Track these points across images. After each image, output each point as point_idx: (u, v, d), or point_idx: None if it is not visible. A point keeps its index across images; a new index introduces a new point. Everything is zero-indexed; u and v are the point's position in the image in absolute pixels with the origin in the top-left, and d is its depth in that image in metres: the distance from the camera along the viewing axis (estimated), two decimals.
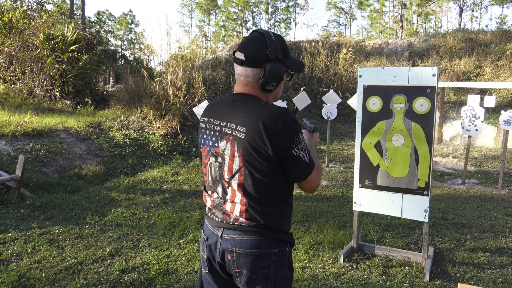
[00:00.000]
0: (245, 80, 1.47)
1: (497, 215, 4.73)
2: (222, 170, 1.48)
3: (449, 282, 3.11)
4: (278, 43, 1.45)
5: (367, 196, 3.46)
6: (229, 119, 1.45)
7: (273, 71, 1.42)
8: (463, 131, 6.22)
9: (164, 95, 9.04)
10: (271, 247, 1.46)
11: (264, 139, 1.36)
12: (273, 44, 1.43)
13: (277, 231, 1.47)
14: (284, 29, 45.70)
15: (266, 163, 1.39)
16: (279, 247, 1.48)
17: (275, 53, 1.43)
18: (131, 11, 58.78)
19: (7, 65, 10.30)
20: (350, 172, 7.02)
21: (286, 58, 1.48)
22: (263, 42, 1.43)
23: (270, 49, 1.42)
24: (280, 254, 1.48)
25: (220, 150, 1.47)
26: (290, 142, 1.38)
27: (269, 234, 1.46)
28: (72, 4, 18.09)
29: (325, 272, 3.25)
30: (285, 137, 1.37)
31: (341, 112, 11.50)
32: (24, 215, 4.51)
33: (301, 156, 1.41)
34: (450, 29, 26.10)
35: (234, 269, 1.48)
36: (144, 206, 4.93)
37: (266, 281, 1.46)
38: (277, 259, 1.47)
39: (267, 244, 1.45)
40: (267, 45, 1.43)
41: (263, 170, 1.40)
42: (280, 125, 1.37)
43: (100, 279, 3.10)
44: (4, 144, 6.13)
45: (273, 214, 1.46)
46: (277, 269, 1.47)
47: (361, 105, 3.44)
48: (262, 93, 1.49)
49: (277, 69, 1.43)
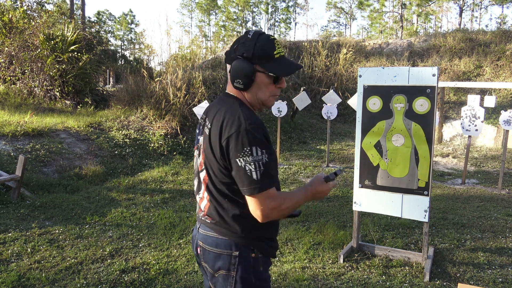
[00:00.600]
0: (228, 76, 1.51)
1: (497, 215, 4.73)
2: (197, 165, 1.54)
3: (449, 282, 3.11)
4: (252, 42, 1.40)
5: (367, 196, 3.46)
6: (209, 115, 1.49)
7: (236, 68, 1.42)
8: (463, 131, 6.22)
9: (164, 95, 9.04)
10: (231, 249, 1.42)
11: (219, 139, 1.37)
12: (246, 42, 1.41)
13: (237, 234, 1.42)
14: (284, 29, 45.72)
15: (222, 164, 1.38)
16: (240, 250, 1.43)
17: (242, 51, 1.41)
18: (131, 11, 58.84)
19: (7, 65, 10.30)
20: (350, 172, 7.02)
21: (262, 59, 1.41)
22: (242, 39, 1.44)
23: (237, 46, 1.43)
24: (242, 258, 1.42)
25: (200, 144, 1.53)
26: (237, 150, 1.32)
27: (229, 235, 1.43)
28: (72, 4, 18.09)
29: (325, 272, 3.25)
30: (233, 142, 1.33)
31: (341, 112, 11.50)
32: (24, 215, 4.51)
33: (247, 170, 1.32)
34: (450, 29, 26.12)
35: (202, 263, 1.52)
36: (144, 206, 4.93)
37: (225, 283, 1.43)
38: (237, 262, 1.42)
39: (227, 245, 1.43)
40: (240, 42, 1.44)
41: (218, 170, 1.40)
42: (233, 130, 1.33)
43: (100, 279, 3.10)
44: (4, 144, 6.13)
45: (232, 216, 1.42)
46: (238, 273, 1.42)
47: (361, 105, 3.44)
48: (238, 92, 1.48)
49: (239, 66, 1.40)
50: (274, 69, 1.44)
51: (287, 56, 1.72)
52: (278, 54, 1.44)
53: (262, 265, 1.48)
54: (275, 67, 1.44)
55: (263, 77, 1.44)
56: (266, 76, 1.44)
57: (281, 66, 1.44)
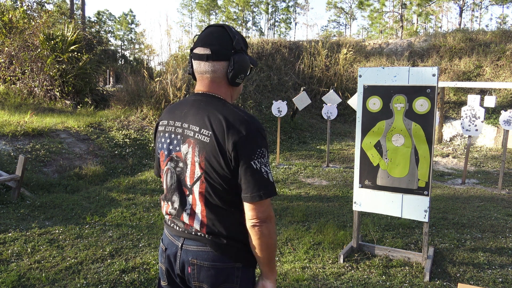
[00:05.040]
0: (211, 76, 1.37)
1: (497, 215, 4.73)
2: (184, 176, 1.36)
3: (449, 282, 3.11)
4: (240, 35, 1.40)
5: (367, 196, 3.46)
6: (191, 121, 1.35)
7: (242, 62, 1.36)
8: (463, 131, 6.22)
9: (164, 95, 9.04)
10: (235, 261, 1.36)
11: (227, 145, 1.26)
12: (237, 35, 1.38)
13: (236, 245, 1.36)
14: (284, 29, 45.73)
15: (228, 171, 1.29)
16: (242, 262, 1.38)
17: (240, 44, 1.38)
18: (131, 11, 58.85)
19: (7, 65, 10.31)
20: (350, 172, 7.02)
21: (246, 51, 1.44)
22: (226, 34, 1.36)
23: (235, 40, 1.36)
24: (244, 270, 1.38)
25: (182, 155, 1.36)
26: (251, 152, 1.26)
27: (232, 248, 1.36)
28: (72, 4, 18.09)
29: (325, 272, 3.25)
30: (247, 145, 1.26)
31: (341, 112, 11.50)
32: (24, 215, 4.51)
33: (263, 172, 1.27)
34: (450, 29, 26.12)
35: (194, 283, 1.38)
36: (144, 206, 4.93)
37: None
38: (241, 274, 1.37)
39: (230, 257, 1.36)
40: (231, 36, 1.36)
41: (225, 177, 1.29)
42: (244, 133, 1.26)
43: (100, 279, 3.10)
44: (4, 144, 6.13)
45: (235, 226, 1.35)
46: (241, 285, 1.37)
47: (361, 105, 3.44)
48: (228, 89, 1.41)
49: (245, 60, 1.38)
50: (251, 60, 1.44)
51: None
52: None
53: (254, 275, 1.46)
54: (249, 58, 1.44)
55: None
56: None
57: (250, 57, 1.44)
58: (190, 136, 1.33)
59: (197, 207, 1.35)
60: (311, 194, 5.65)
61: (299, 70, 13.22)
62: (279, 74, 12.87)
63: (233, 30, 1.39)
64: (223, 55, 1.35)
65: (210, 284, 1.36)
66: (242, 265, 1.38)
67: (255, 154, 1.26)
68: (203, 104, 1.36)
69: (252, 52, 13.02)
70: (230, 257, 1.35)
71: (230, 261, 1.35)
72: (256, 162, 1.26)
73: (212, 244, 1.35)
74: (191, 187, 1.35)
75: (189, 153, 1.33)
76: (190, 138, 1.33)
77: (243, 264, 1.38)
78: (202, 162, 1.30)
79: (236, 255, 1.36)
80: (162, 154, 1.44)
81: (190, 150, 1.33)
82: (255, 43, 13.62)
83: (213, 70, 1.37)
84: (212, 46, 1.35)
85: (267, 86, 12.26)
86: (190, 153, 1.33)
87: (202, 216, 1.35)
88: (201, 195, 1.33)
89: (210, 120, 1.30)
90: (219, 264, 1.35)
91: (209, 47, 1.35)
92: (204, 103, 1.36)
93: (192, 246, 1.37)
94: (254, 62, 1.46)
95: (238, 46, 1.36)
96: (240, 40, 1.39)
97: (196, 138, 1.32)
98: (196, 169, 1.32)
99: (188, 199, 1.37)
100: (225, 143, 1.27)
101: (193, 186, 1.34)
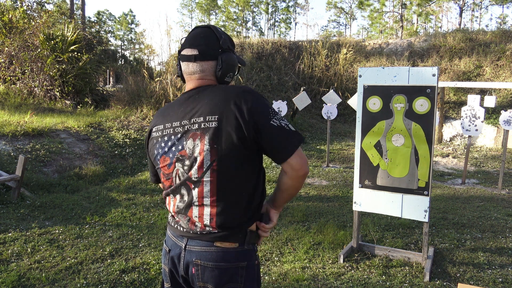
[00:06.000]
0: (200, 76, 1.40)
1: (497, 215, 4.73)
2: (192, 171, 1.34)
3: (449, 282, 3.11)
4: (226, 35, 1.43)
5: (367, 196, 3.46)
6: (191, 115, 1.35)
7: (229, 60, 1.40)
8: (463, 131, 6.22)
9: (164, 95, 9.04)
10: (239, 260, 1.36)
11: (238, 121, 1.27)
12: (223, 35, 1.41)
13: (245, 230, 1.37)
14: (284, 29, 45.72)
15: (242, 149, 1.29)
16: (247, 260, 1.38)
17: (227, 43, 1.41)
18: (131, 11, 58.87)
19: (7, 65, 10.31)
20: (350, 172, 7.02)
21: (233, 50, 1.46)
22: (213, 34, 1.40)
23: (222, 40, 1.40)
24: (248, 268, 1.39)
25: (186, 151, 1.35)
26: (265, 115, 1.29)
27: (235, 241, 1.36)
28: (72, 4, 18.09)
29: (325, 272, 3.25)
30: (258, 112, 1.29)
31: (341, 112, 11.49)
32: (24, 215, 4.51)
33: (284, 126, 1.30)
34: (450, 29, 26.11)
35: (198, 284, 1.37)
36: (144, 206, 4.93)
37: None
38: (245, 273, 1.37)
39: (235, 256, 1.36)
40: (217, 36, 1.40)
41: (238, 158, 1.30)
42: (250, 103, 1.29)
43: (100, 279, 3.10)
44: (4, 144, 6.13)
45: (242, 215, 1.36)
46: (245, 285, 1.38)
47: (361, 105, 3.44)
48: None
49: (232, 59, 1.41)
50: (239, 59, 1.47)
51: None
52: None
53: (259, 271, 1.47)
54: (237, 57, 1.47)
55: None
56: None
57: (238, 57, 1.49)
58: (195, 129, 1.33)
59: (205, 199, 1.34)
60: (311, 194, 5.65)
61: (299, 70, 13.22)
62: (279, 74, 12.87)
63: (219, 30, 1.42)
64: (210, 55, 1.38)
65: (215, 284, 1.35)
66: (247, 263, 1.38)
67: (269, 114, 1.30)
68: (199, 95, 1.38)
69: (252, 52, 13.02)
70: (234, 257, 1.36)
71: (234, 260, 1.36)
72: (274, 120, 1.30)
73: (218, 240, 1.35)
74: (199, 178, 1.33)
75: (197, 145, 1.32)
76: (194, 131, 1.33)
77: (248, 263, 1.39)
78: (213, 148, 1.30)
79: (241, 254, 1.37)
80: (165, 159, 1.41)
81: (198, 142, 1.32)
82: (255, 43, 13.62)
83: (201, 70, 1.39)
84: (199, 46, 1.38)
85: (267, 86, 12.26)
86: (198, 145, 1.32)
87: (211, 207, 1.34)
88: (211, 183, 1.32)
89: (213, 104, 1.32)
90: (223, 264, 1.35)
91: (196, 48, 1.38)
92: (199, 94, 1.38)
93: (196, 246, 1.37)
94: (242, 61, 1.48)
95: (225, 45, 1.40)
96: (227, 39, 1.42)
97: (203, 128, 1.31)
98: (205, 159, 1.31)
99: (194, 192, 1.36)
100: (237, 120, 1.27)
101: (203, 176, 1.33)
